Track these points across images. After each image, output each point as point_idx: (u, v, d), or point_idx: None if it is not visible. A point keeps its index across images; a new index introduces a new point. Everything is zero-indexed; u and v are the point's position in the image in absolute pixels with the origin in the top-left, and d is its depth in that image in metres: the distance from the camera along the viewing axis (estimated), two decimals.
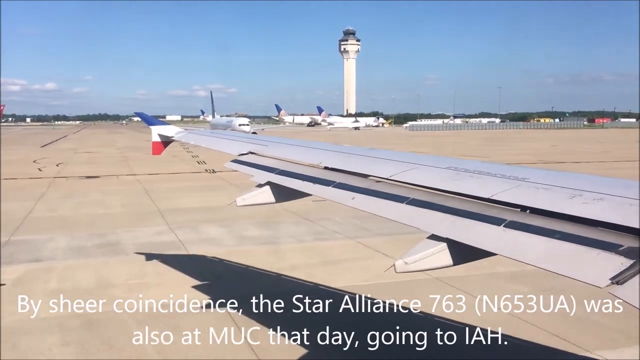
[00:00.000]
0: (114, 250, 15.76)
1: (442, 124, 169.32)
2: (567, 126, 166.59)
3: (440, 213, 4.05)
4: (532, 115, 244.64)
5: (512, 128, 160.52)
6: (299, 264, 14.15)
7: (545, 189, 3.79)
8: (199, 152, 47.41)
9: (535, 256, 3.20)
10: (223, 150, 8.38)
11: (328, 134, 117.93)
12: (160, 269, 13.73)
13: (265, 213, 21.72)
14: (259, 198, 6.26)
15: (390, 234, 17.80)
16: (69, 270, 13.76)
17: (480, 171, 4.52)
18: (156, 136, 10.41)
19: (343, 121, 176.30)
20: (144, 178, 34.50)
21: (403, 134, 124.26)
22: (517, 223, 3.50)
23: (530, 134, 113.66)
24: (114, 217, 20.99)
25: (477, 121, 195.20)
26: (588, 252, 2.99)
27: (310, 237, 17.38)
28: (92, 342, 9.42)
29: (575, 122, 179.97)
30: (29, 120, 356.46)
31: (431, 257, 3.72)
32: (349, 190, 5.06)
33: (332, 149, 6.93)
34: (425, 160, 5.36)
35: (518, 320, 9.88)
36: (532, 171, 4.33)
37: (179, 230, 18.35)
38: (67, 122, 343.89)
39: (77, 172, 37.91)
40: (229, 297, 10.75)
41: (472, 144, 74.98)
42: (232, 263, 14.18)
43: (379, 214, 4.50)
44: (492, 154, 52.33)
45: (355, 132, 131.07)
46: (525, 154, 54.01)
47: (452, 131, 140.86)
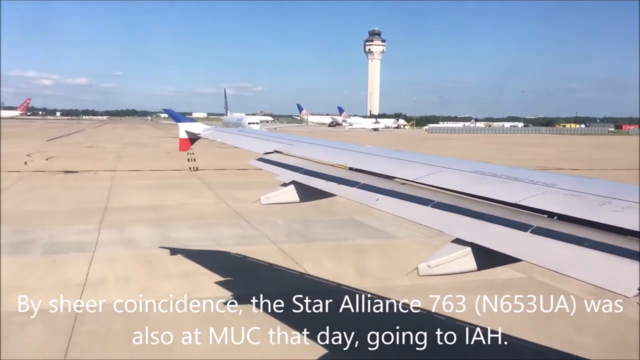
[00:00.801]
0: (18, 249, 15.16)
1: (463, 127, 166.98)
2: (591, 132, 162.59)
3: (466, 217, 4.02)
4: (558, 120, 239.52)
5: (534, 133, 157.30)
6: (188, 270, 13.42)
7: (573, 195, 3.73)
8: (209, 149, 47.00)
9: (562, 263, 3.17)
10: (249, 148, 8.39)
11: (339, 134, 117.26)
12: (39, 272, 13.05)
13: (214, 213, 21.25)
14: (283, 197, 6.23)
15: (323, 239, 17.08)
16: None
17: (508, 176, 4.48)
18: (183, 133, 10.53)
19: (363, 122, 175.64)
20: (122, 174, 34.26)
21: (419, 136, 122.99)
22: (544, 229, 3.46)
23: (548, 139, 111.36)
24: (55, 213, 20.55)
25: (499, 125, 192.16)
26: (616, 260, 2.95)
27: (234, 241, 16.60)
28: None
29: (600, 129, 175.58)
30: (58, 114, 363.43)
31: (455, 261, 3.69)
32: (373, 192, 5.07)
33: (358, 149, 6.94)
34: (452, 163, 5.32)
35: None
36: (560, 177, 4.27)
37: (107, 230, 17.77)
38: (95, 116, 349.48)
39: (61, 166, 37.79)
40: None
41: (479, 147, 73.46)
42: (112, 268, 13.38)
43: (403, 216, 4.51)
44: (490, 157, 50.83)
45: (372, 133, 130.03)
46: (527, 159, 52.44)
47: (470, 134, 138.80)
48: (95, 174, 34.07)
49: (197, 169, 37.51)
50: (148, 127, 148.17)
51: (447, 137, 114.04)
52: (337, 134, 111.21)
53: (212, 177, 33.39)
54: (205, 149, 48.73)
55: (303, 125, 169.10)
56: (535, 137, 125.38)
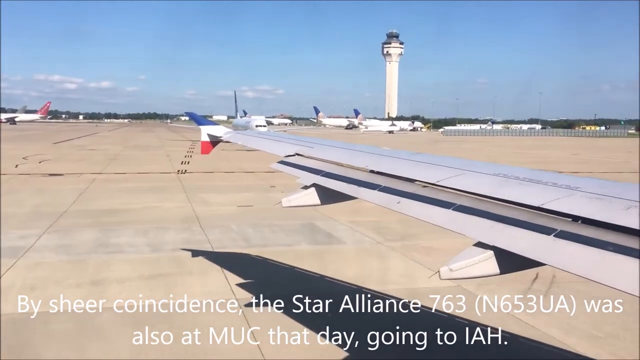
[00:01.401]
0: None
1: (479, 130, 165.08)
2: (610, 135, 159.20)
3: (488, 220, 3.97)
4: (579, 122, 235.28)
5: (551, 135, 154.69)
6: (110, 277, 12.91)
7: (598, 199, 3.65)
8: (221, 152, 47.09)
9: (586, 267, 3.11)
10: (270, 151, 8.42)
11: (352, 136, 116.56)
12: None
13: (173, 217, 20.82)
14: (304, 200, 6.26)
15: (264, 245, 16.52)
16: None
17: (531, 179, 4.41)
18: (205, 136, 10.60)
19: (380, 125, 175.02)
20: (105, 177, 34.21)
21: (433, 138, 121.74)
22: (568, 233, 3.41)
23: (563, 142, 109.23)
24: (11, 216, 20.21)
25: (517, 127, 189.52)
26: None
27: (173, 246, 16.08)
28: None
29: (620, 131, 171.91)
30: (81, 117, 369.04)
31: (477, 264, 3.66)
32: (394, 195, 5.07)
33: (378, 152, 6.98)
34: (474, 166, 5.26)
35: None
36: (585, 180, 4.17)
37: (49, 234, 17.37)
38: (116, 120, 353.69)
39: (51, 169, 37.89)
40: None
41: (483, 150, 72.43)
42: (26, 276, 12.88)
43: (425, 219, 4.46)
44: (490, 159, 49.65)
45: (386, 136, 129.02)
46: (527, 161, 51.16)
47: (484, 137, 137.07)
48: (78, 177, 33.92)
49: (185, 172, 37.37)
50: (163, 130, 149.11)
51: (461, 140, 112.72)
52: (349, 137, 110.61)
53: (195, 180, 33.07)
54: (217, 151, 48.59)
55: (318, 127, 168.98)
56: (549, 140, 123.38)
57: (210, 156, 10.83)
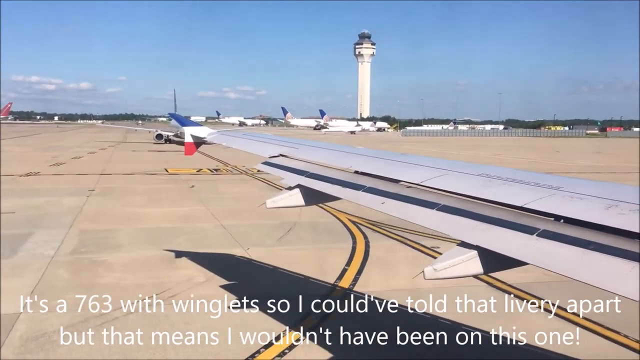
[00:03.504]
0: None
1: (441, 130, 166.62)
2: (569, 135, 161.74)
3: (472, 220, 4.03)
4: (546, 123, 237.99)
5: (511, 135, 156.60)
6: None
7: (580, 198, 3.73)
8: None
9: (568, 267, 3.17)
10: (254, 152, 8.45)
11: (311, 136, 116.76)
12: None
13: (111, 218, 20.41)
14: (289, 201, 6.29)
15: (176, 247, 16.15)
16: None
17: (514, 179, 4.47)
18: (189, 137, 10.51)
19: (347, 125, 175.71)
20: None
21: (391, 139, 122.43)
22: (550, 232, 3.48)
23: (507, 142, 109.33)
24: None
25: (481, 128, 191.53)
26: (623, 264, 2.95)
27: (79, 250, 15.69)
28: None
29: (580, 131, 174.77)
30: (56, 118, 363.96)
31: (461, 264, 3.70)
32: (379, 195, 5.09)
33: (363, 153, 7.02)
34: (457, 166, 5.31)
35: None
36: (567, 180, 4.25)
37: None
38: (90, 120, 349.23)
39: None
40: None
41: (425, 150, 72.82)
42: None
43: (409, 220, 4.53)
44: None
45: (348, 136, 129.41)
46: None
47: (443, 137, 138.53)
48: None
49: (166, 171, 37.38)
50: (119, 132, 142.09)
51: (419, 140, 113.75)
52: (308, 137, 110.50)
53: (178, 181, 32.94)
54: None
55: (284, 128, 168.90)
56: (502, 140, 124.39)
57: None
